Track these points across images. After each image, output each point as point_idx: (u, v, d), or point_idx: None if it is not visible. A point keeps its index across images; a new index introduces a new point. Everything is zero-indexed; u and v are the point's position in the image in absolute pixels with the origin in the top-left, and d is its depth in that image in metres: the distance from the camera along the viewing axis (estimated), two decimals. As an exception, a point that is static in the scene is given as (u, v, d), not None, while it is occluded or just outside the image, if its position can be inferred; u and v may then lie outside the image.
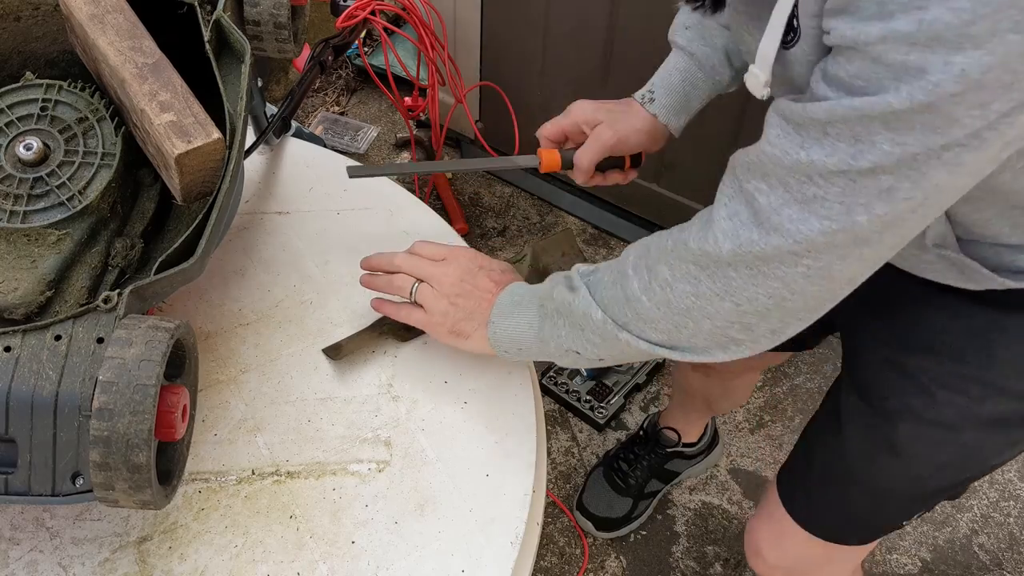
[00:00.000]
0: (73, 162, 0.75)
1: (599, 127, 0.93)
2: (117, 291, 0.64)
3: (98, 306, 0.64)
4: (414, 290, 0.81)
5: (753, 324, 0.64)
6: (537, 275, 0.91)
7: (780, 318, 0.63)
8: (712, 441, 1.61)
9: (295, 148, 1.04)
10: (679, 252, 0.64)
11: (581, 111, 0.95)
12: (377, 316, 0.86)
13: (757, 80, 0.63)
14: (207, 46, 0.74)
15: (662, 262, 0.66)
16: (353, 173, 0.91)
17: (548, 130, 0.97)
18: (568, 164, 0.95)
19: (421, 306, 0.81)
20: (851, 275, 0.60)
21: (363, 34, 2.13)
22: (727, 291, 0.62)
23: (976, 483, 1.63)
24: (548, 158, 0.95)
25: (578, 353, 0.73)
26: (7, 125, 0.75)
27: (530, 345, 0.76)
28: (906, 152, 0.51)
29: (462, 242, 0.96)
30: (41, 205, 0.73)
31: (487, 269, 0.81)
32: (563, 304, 0.72)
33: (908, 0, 0.46)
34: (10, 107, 0.76)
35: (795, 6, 0.55)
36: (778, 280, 0.60)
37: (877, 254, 0.59)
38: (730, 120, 1.55)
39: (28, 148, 0.73)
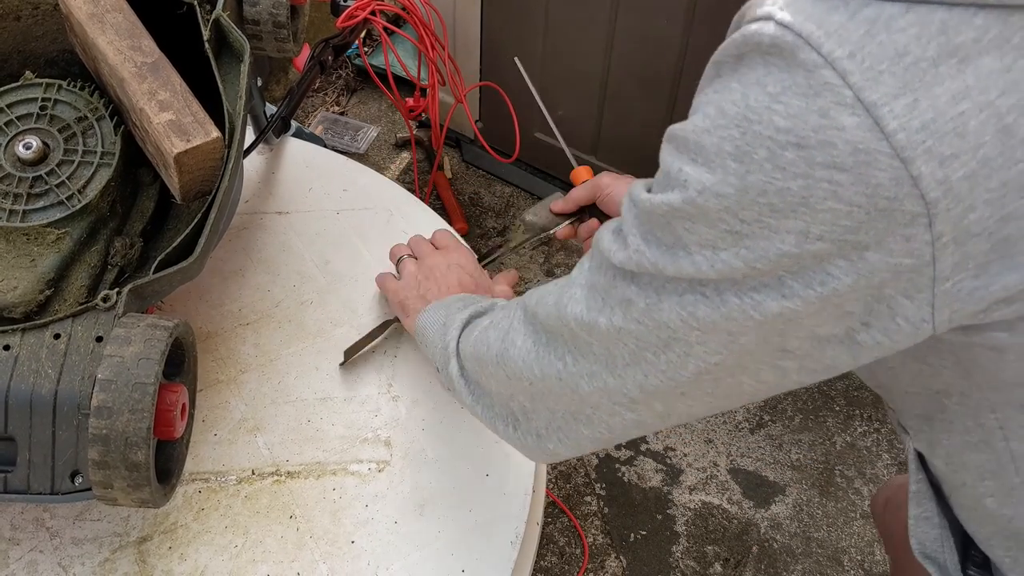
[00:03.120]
0: (72, 161, 0.75)
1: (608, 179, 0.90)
2: (116, 290, 0.64)
3: (97, 305, 0.64)
4: (400, 262, 0.86)
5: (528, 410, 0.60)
6: (534, 232, 0.91)
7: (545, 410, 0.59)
8: None
9: (295, 148, 1.04)
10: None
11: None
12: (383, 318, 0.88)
13: None
14: (206, 45, 0.74)
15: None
16: None
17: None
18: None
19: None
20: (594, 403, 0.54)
21: (363, 34, 2.13)
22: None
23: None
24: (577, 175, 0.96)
25: (438, 370, 0.71)
26: (7, 124, 0.75)
27: (427, 343, 0.74)
28: (641, 260, 0.47)
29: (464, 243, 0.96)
30: (40, 204, 0.73)
31: (468, 272, 0.82)
32: (449, 321, 0.71)
33: (695, 105, 0.44)
34: (10, 106, 0.76)
35: None
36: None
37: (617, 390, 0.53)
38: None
39: (27, 147, 0.73)
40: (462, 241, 0.90)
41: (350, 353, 0.84)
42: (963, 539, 0.63)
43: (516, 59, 0.81)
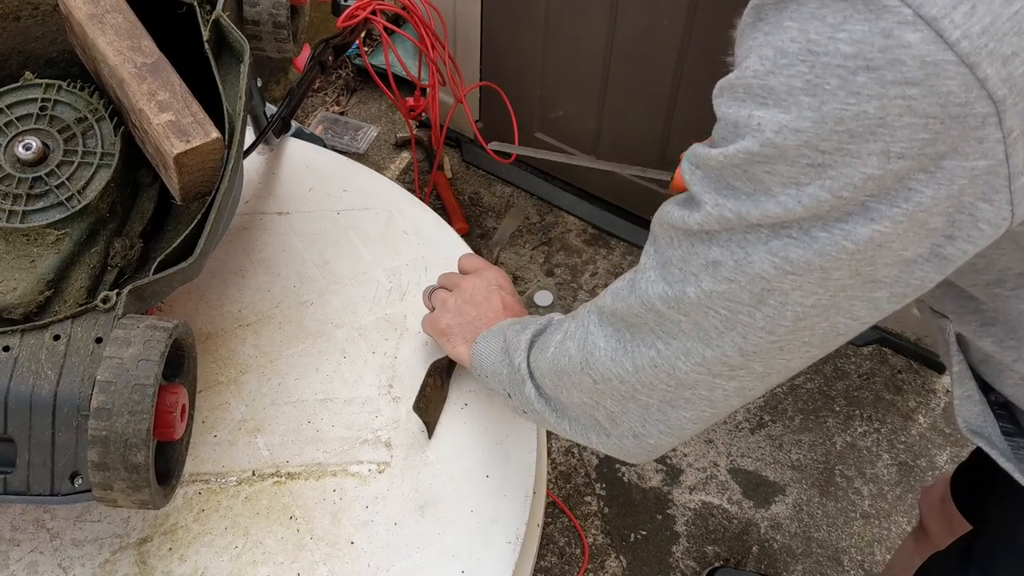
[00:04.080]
0: (72, 162, 0.75)
1: None
2: (116, 291, 0.64)
3: (97, 306, 0.64)
4: (432, 295, 0.84)
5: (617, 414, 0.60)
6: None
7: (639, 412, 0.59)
8: None
9: (295, 148, 1.04)
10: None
11: None
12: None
13: None
14: (206, 46, 0.74)
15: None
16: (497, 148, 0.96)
17: None
18: None
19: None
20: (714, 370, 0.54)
21: (363, 34, 2.13)
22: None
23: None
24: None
25: (508, 396, 0.70)
26: (6, 125, 0.75)
27: (489, 372, 0.73)
28: (722, 214, 0.47)
29: (464, 244, 0.95)
30: (40, 205, 0.73)
31: (506, 291, 0.81)
32: (511, 346, 0.70)
33: (742, 53, 0.45)
34: (9, 107, 0.76)
35: None
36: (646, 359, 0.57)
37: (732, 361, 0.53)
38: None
39: (27, 148, 0.73)
40: (449, 242, 0.89)
41: (425, 413, 0.79)
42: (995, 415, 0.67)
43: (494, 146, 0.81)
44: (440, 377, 0.82)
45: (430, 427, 0.79)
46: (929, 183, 0.42)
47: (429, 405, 0.80)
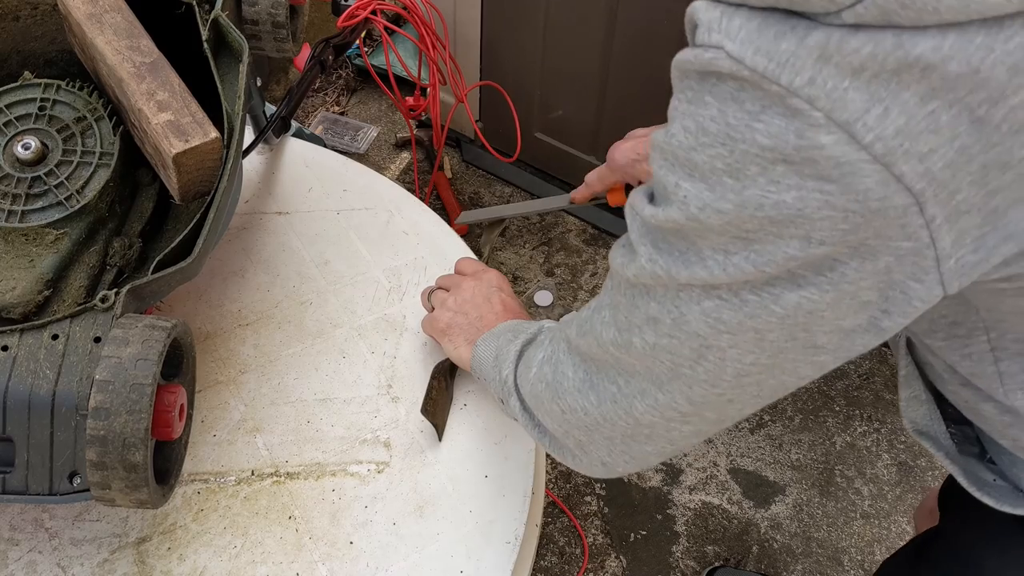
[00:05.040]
0: (71, 161, 0.75)
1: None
2: (115, 290, 0.64)
3: (95, 305, 0.64)
4: (431, 296, 0.84)
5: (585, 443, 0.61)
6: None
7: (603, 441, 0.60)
8: None
9: (295, 148, 1.04)
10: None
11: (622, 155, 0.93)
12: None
13: None
14: (205, 45, 0.74)
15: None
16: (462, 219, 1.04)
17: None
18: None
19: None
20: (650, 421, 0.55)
21: (364, 33, 2.13)
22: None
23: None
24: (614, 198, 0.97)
25: (502, 402, 0.71)
26: (5, 125, 0.75)
27: (486, 377, 0.74)
28: (654, 271, 0.47)
29: (463, 244, 0.95)
30: (39, 204, 0.73)
31: (505, 293, 0.81)
32: (501, 356, 0.71)
33: (672, 106, 0.44)
34: (8, 107, 0.76)
35: None
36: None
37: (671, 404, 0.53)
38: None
39: (26, 147, 0.73)
40: (449, 242, 0.89)
41: (433, 416, 0.79)
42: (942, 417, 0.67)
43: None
44: (444, 379, 0.82)
45: (439, 429, 0.79)
46: (853, 257, 0.42)
47: (436, 408, 0.79)
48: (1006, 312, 0.51)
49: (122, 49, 0.73)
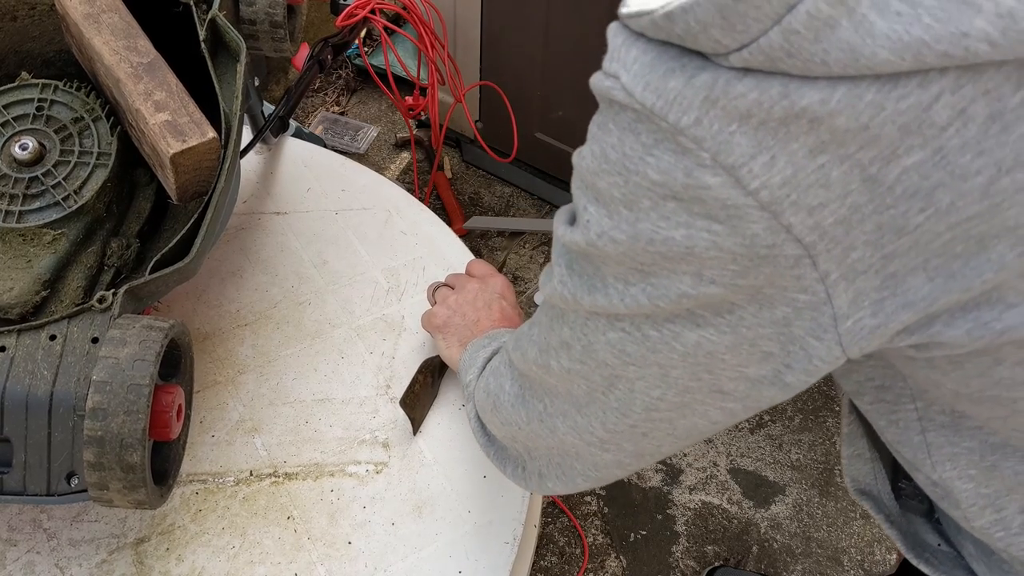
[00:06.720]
0: (69, 162, 0.75)
1: None
2: (112, 291, 0.64)
3: (93, 306, 0.63)
4: (435, 292, 0.84)
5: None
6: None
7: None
8: None
9: (293, 148, 1.04)
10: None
11: None
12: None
13: None
14: (202, 45, 0.74)
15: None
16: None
17: None
18: None
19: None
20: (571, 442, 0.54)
21: (363, 33, 2.13)
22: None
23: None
24: None
25: (463, 406, 0.71)
26: (3, 125, 0.75)
27: (460, 377, 0.74)
28: (563, 293, 0.47)
29: (462, 244, 0.95)
30: (36, 205, 0.73)
31: (507, 301, 0.81)
32: (468, 362, 0.71)
33: (590, 125, 0.43)
34: (6, 107, 0.76)
35: None
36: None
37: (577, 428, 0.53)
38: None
39: (24, 148, 0.73)
40: (449, 243, 0.89)
41: (411, 408, 0.79)
42: (893, 468, 0.65)
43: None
44: (431, 375, 0.82)
45: (415, 423, 0.79)
46: (751, 303, 0.40)
47: (416, 401, 0.80)
48: (927, 384, 0.49)
49: (119, 49, 0.73)
